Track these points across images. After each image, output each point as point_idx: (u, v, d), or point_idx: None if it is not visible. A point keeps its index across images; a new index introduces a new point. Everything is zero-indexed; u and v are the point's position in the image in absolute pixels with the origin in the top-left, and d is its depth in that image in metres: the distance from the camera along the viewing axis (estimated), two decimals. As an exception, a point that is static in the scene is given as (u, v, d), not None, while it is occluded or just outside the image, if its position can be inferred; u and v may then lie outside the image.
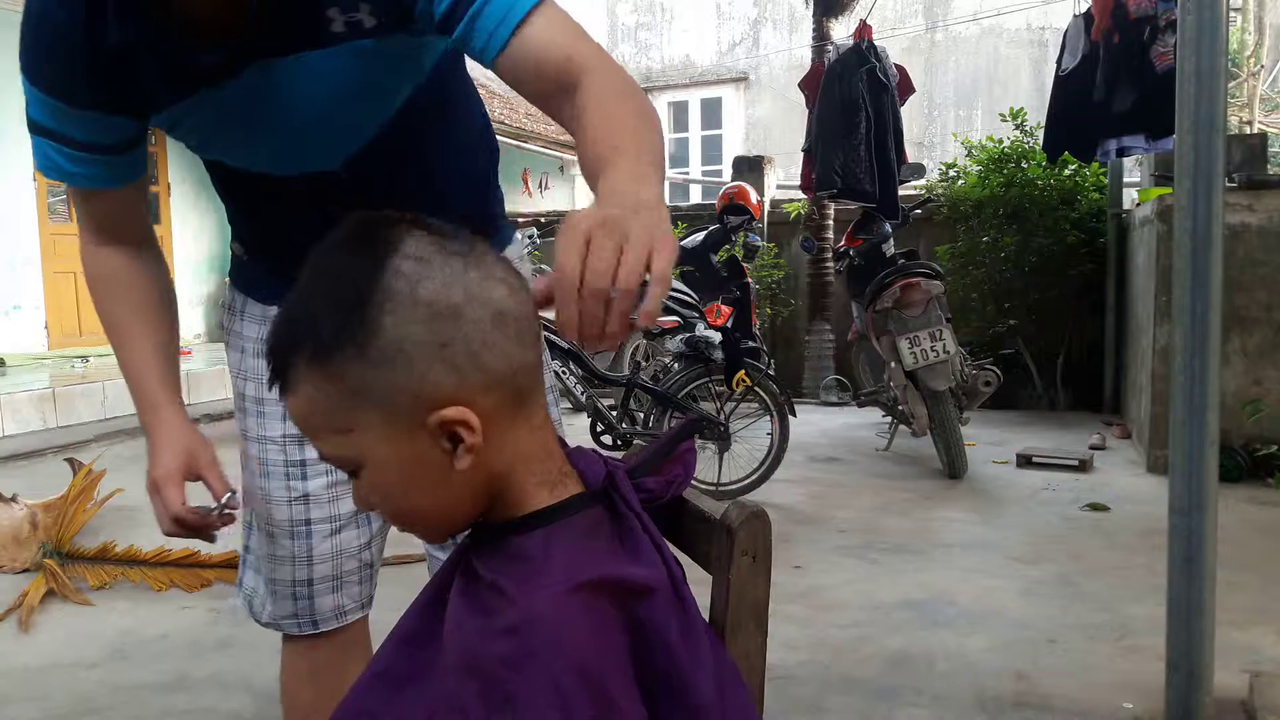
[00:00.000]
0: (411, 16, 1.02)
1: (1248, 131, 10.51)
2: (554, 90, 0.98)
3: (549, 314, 0.72)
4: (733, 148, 12.14)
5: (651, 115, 0.95)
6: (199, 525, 1.16)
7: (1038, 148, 6.19)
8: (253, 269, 1.30)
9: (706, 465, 3.92)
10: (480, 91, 1.24)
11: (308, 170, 1.14)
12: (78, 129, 1.07)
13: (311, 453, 1.24)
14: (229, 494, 1.17)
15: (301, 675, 1.42)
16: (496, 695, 0.66)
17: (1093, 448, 4.96)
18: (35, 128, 1.09)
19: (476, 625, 0.70)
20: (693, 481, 0.86)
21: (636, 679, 0.69)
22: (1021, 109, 6.49)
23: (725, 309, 4.52)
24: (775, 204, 7.45)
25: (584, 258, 0.69)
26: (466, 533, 0.80)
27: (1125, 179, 6.49)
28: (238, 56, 1.03)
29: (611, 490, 0.76)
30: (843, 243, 5.41)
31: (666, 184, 13.69)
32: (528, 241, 5.63)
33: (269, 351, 0.73)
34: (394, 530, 1.34)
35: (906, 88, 5.81)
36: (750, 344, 4.27)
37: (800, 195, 6.89)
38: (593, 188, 0.85)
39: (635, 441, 3.93)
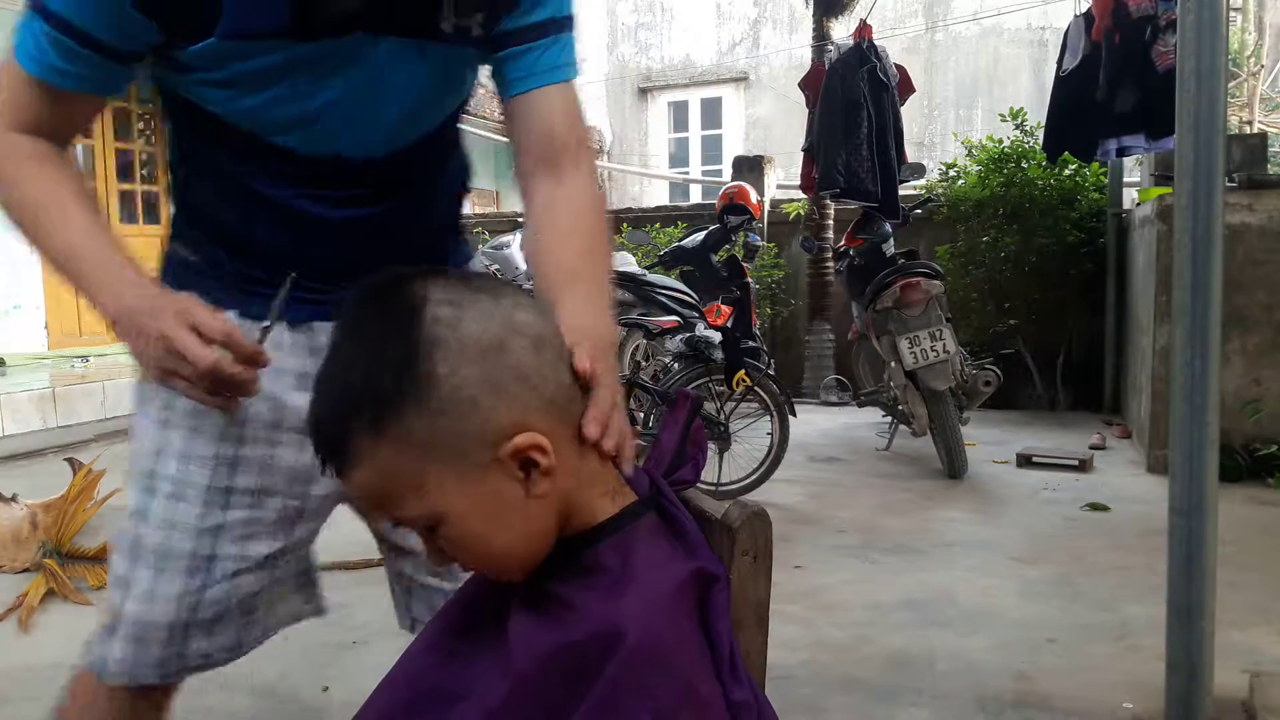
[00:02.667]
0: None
1: (1248, 131, 10.51)
2: (540, 155, 1.06)
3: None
4: (733, 148, 12.14)
5: (608, 232, 1.05)
6: (250, 354, 0.92)
7: (1038, 148, 6.18)
8: (197, 273, 1.12)
9: (707, 465, 3.92)
10: (481, 91, 1.25)
11: (351, 154, 1.06)
12: (98, 19, 0.94)
13: (242, 479, 1.11)
14: (264, 323, 0.96)
15: None
16: (593, 705, 0.67)
17: (1093, 448, 4.95)
18: (41, 8, 0.95)
19: (555, 639, 0.71)
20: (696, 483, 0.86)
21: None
22: (1021, 109, 6.49)
23: (725, 309, 4.52)
24: (775, 204, 7.44)
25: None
26: None
27: (1125, 179, 6.49)
28: (361, 16, 0.97)
29: (659, 493, 0.79)
30: (843, 243, 5.41)
31: (667, 184, 13.64)
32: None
33: (318, 429, 0.71)
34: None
35: (907, 88, 5.81)
36: (750, 344, 4.26)
37: (800, 195, 6.89)
38: (544, 287, 0.95)
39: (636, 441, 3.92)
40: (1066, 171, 6.23)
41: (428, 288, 0.70)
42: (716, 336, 3.96)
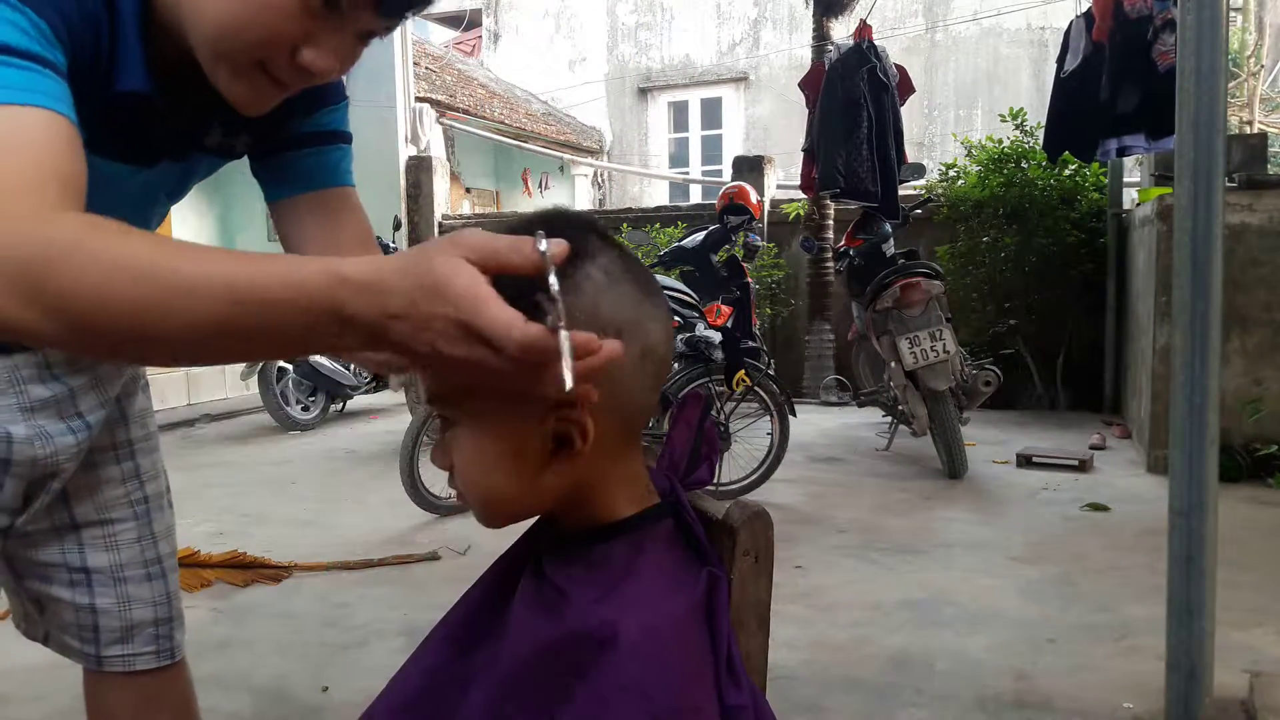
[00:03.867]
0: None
1: (1248, 131, 10.51)
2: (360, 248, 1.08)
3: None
4: (733, 148, 12.14)
5: None
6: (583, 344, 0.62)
7: (1038, 148, 6.19)
8: None
9: (706, 465, 3.92)
10: (480, 91, 1.25)
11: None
12: (35, 40, 0.78)
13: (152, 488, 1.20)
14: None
15: (139, 704, 1.24)
16: (577, 696, 0.68)
17: (1093, 448, 4.96)
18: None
19: (548, 627, 0.72)
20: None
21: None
22: (1021, 109, 6.49)
23: (725, 309, 4.52)
24: (775, 204, 7.45)
25: None
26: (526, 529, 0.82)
27: (1125, 179, 6.50)
28: (170, 148, 1.01)
29: (677, 499, 0.80)
30: (843, 243, 5.41)
31: (667, 184, 13.60)
32: None
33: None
34: (396, 530, 1.34)
35: (906, 88, 5.81)
36: (750, 344, 4.27)
37: (800, 195, 6.89)
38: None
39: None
40: (1066, 171, 6.23)
41: (600, 248, 0.71)
42: (716, 336, 3.96)
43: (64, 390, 1.08)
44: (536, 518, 0.83)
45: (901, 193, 5.71)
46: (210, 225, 9.13)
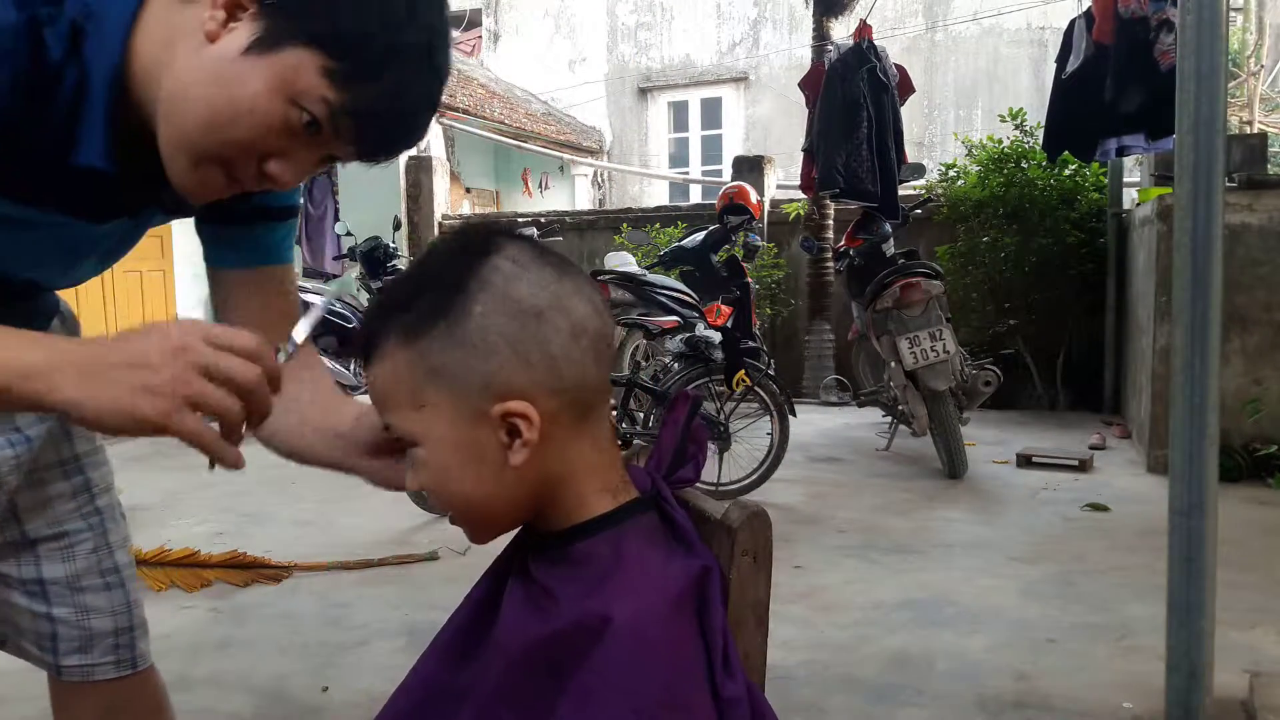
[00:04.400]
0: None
1: (1248, 131, 10.51)
2: (279, 327, 1.05)
3: None
4: (733, 148, 12.13)
5: None
6: (276, 372, 0.79)
7: (1038, 148, 6.18)
8: None
9: (707, 465, 3.92)
10: (480, 91, 1.25)
11: (41, 281, 1.06)
12: None
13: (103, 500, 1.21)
14: (288, 342, 0.85)
15: (104, 713, 1.24)
16: (566, 690, 0.68)
17: (1093, 448, 4.96)
18: None
19: (537, 628, 0.72)
20: (697, 483, 0.87)
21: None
22: (1021, 109, 6.49)
23: (725, 309, 4.52)
24: (775, 204, 7.45)
25: None
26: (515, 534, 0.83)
27: (1125, 179, 6.49)
28: (128, 207, 0.99)
29: (658, 493, 0.80)
30: (843, 243, 5.41)
31: (667, 184, 13.60)
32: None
33: (367, 319, 0.79)
34: (396, 530, 1.34)
35: (906, 88, 5.81)
36: (750, 344, 4.26)
37: (800, 195, 6.89)
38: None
39: (635, 441, 3.93)
40: (1066, 171, 6.23)
41: (504, 243, 0.76)
42: (716, 336, 3.96)
43: None
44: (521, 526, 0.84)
45: (901, 193, 5.71)
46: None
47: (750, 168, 7.52)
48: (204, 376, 0.73)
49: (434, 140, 9.41)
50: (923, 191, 6.59)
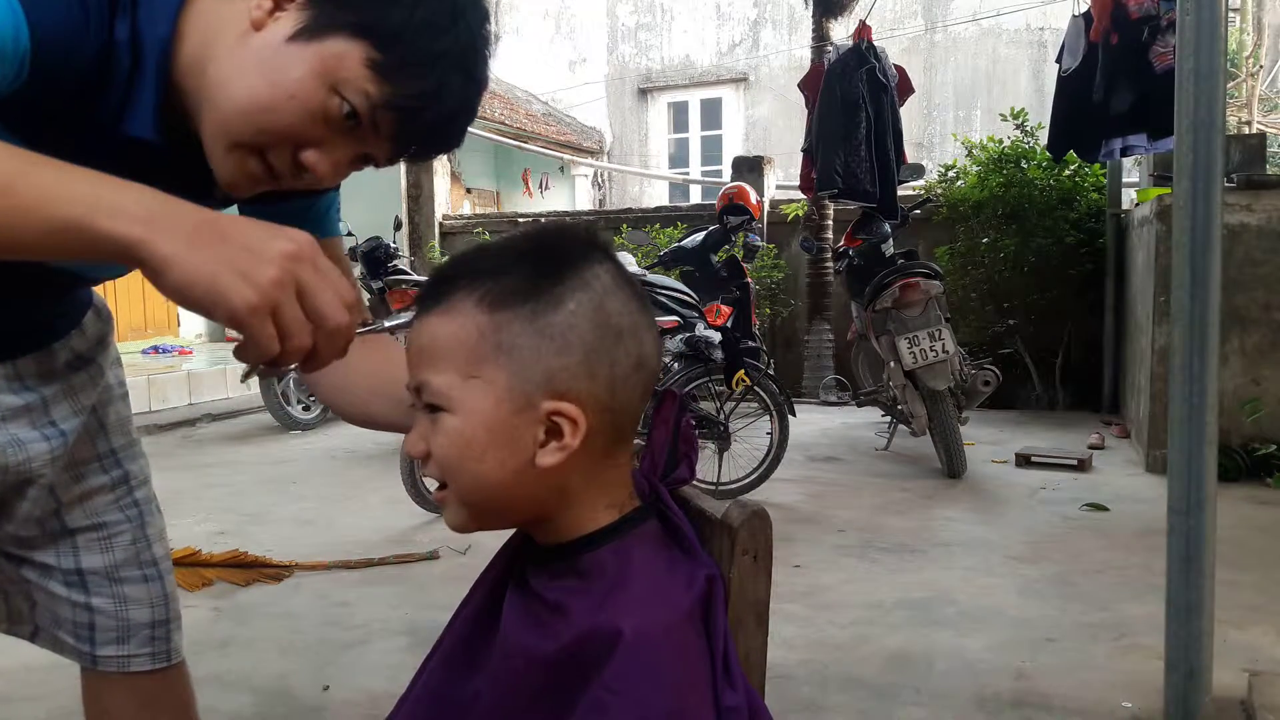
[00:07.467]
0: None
1: (1247, 131, 10.51)
2: None
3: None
4: (732, 148, 12.14)
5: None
6: (354, 326, 0.76)
7: (1038, 148, 6.19)
8: None
9: (706, 465, 3.93)
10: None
11: (85, 274, 1.07)
12: None
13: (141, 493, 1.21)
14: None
15: (137, 706, 1.25)
16: (577, 703, 0.68)
17: (1092, 447, 4.96)
18: None
19: (546, 644, 0.72)
20: (693, 482, 0.87)
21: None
22: (1021, 109, 6.50)
23: (725, 309, 4.52)
24: (775, 204, 7.45)
25: None
26: (513, 547, 0.83)
27: (1124, 179, 6.50)
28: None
29: (658, 499, 0.81)
30: (842, 243, 5.42)
31: (667, 184, 13.59)
32: None
33: (453, 265, 0.76)
34: (396, 530, 1.34)
35: (906, 88, 5.81)
36: (750, 344, 4.27)
37: (800, 195, 6.89)
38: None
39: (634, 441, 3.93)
40: (1066, 172, 6.23)
41: (606, 256, 0.76)
42: (716, 336, 3.97)
43: (36, 399, 1.08)
44: (514, 530, 0.83)
45: (901, 193, 5.72)
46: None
47: (750, 168, 7.53)
48: (297, 297, 0.71)
49: (434, 140, 9.39)
50: (922, 192, 6.59)
